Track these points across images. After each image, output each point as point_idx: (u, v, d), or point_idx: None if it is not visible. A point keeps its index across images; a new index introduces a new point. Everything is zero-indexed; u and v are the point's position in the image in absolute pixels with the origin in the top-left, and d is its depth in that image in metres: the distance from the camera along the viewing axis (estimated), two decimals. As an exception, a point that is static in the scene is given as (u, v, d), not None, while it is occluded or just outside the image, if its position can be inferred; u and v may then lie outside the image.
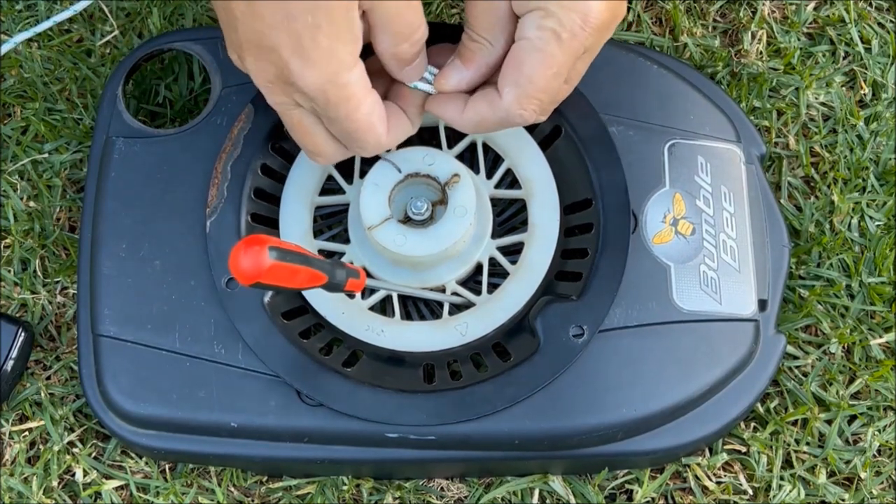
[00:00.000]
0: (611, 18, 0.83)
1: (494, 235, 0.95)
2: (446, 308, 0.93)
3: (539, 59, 0.83)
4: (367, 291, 0.94)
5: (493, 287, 0.93)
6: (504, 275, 0.94)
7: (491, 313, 0.92)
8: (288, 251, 0.75)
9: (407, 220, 0.91)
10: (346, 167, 0.97)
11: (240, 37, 0.80)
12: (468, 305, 0.93)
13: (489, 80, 0.87)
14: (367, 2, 0.79)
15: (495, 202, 0.96)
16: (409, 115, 0.88)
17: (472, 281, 0.95)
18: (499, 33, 0.85)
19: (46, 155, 1.05)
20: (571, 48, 0.82)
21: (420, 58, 0.86)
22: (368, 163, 0.94)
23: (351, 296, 0.93)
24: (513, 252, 0.95)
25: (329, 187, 0.97)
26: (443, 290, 0.94)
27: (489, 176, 0.96)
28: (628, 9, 1.11)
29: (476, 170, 0.97)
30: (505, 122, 0.86)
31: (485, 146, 0.97)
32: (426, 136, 0.98)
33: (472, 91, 0.87)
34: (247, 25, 0.79)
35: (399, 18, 0.81)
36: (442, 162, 0.92)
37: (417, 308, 0.96)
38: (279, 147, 0.97)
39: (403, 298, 0.95)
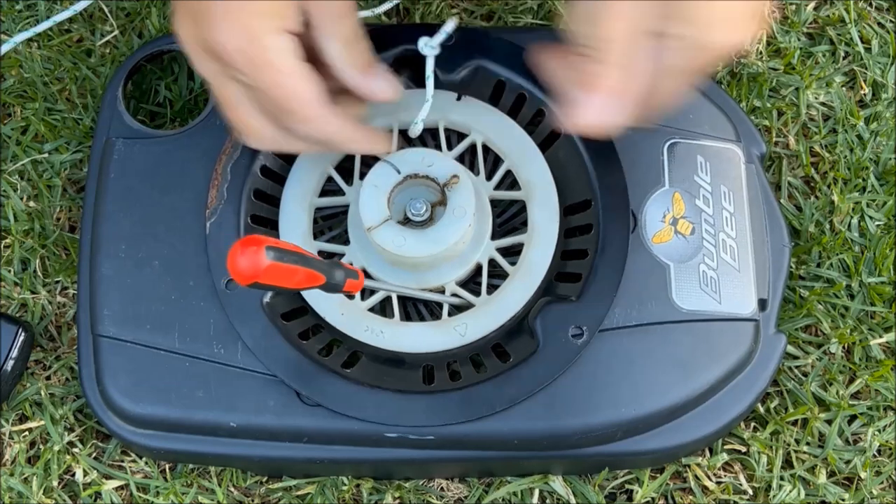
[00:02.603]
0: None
1: (494, 236, 0.95)
2: (446, 309, 0.93)
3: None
4: (367, 292, 0.94)
5: (492, 288, 0.93)
6: (503, 276, 0.94)
7: (490, 314, 0.92)
8: (286, 251, 0.75)
9: (406, 221, 0.91)
10: (346, 169, 0.97)
11: None
12: (468, 306, 0.93)
13: None
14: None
15: (495, 203, 0.96)
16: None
17: (471, 282, 0.95)
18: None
19: (46, 155, 1.05)
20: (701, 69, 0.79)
21: (378, 68, 0.86)
22: (368, 164, 0.94)
23: (350, 297, 0.93)
24: (512, 253, 0.95)
25: (329, 188, 0.97)
26: (442, 292, 0.93)
27: (489, 177, 0.96)
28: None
29: (476, 171, 0.97)
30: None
31: (485, 147, 0.97)
32: (426, 138, 0.99)
33: None
34: None
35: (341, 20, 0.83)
36: (441, 163, 0.92)
37: (417, 309, 0.95)
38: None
39: (403, 299, 0.95)
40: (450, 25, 0.93)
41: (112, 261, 0.93)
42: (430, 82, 0.94)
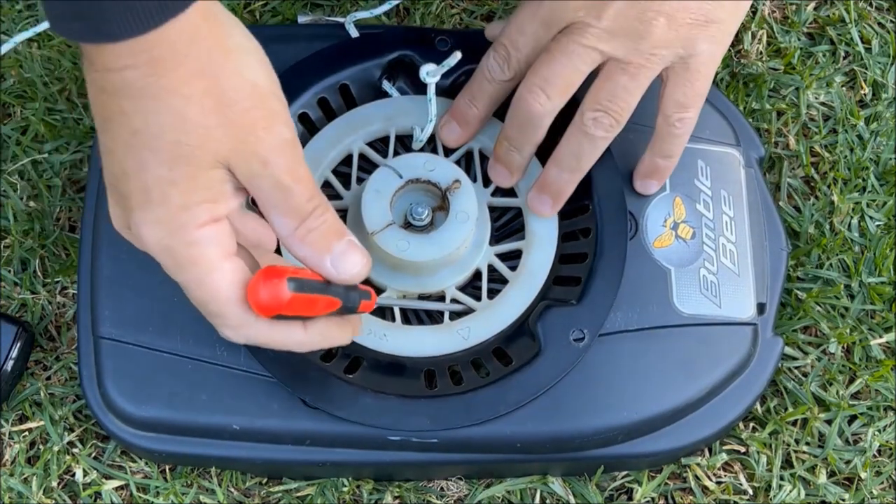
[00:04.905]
0: None
1: (492, 241, 0.95)
2: (447, 313, 0.93)
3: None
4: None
5: (491, 293, 0.93)
6: (502, 281, 0.94)
7: (493, 318, 0.92)
8: (306, 281, 0.74)
9: (407, 225, 0.91)
10: (343, 173, 0.97)
11: (105, 176, 0.74)
12: (468, 312, 0.93)
13: None
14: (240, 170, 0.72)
15: (492, 208, 0.96)
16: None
17: (470, 286, 0.95)
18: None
19: (46, 155, 1.05)
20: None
21: (334, 238, 0.76)
22: (367, 170, 0.94)
23: None
24: (511, 257, 0.95)
25: (326, 193, 0.97)
26: (443, 296, 0.93)
27: (486, 184, 0.96)
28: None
29: (473, 177, 0.96)
30: None
31: (481, 154, 0.97)
32: (424, 144, 0.98)
33: None
34: (110, 167, 0.73)
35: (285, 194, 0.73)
36: (443, 168, 0.92)
37: (416, 313, 0.95)
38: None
39: (404, 302, 0.95)
40: (453, 59, 0.93)
41: (113, 262, 0.93)
42: (432, 105, 0.94)
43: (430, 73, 0.93)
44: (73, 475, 0.95)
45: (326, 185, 0.97)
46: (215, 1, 0.70)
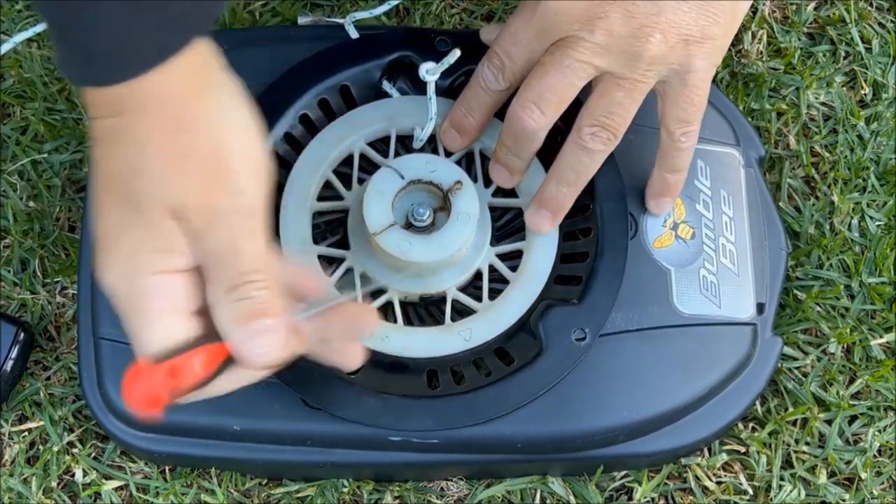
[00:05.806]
0: None
1: (493, 242, 0.95)
2: (448, 314, 0.93)
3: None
4: (369, 296, 0.93)
5: (493, 293, 0.93)
6: (503, 281, 0.93)
7: (495, 318, 0.91)
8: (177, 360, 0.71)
9: (409, 226, 0.91)
10: (343, 174, 0.97)
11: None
12: (469, 312, 0.93)
13: None
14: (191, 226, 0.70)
15: (492, 208, 0.96)
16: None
17: (471, 287, 0.95)
18: None
19: (46, 155, 1.05)
20: None
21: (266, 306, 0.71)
22: (367, 169, 0.94)
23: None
24: (511, 258, 0.94)
25: (324, 194, 0.96)
26: (443, 297, 0.93)
27: (487, 184, 0.96)
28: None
29: (474, 178, 0.96)
30: None
31: (482, 154, 0.97)
32: (423, 145, 0.98)
33: None
34: (88, 210, 0.73)
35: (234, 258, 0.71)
36: (444, 168, 0.91)
37: (417, 313, 0.95)
38: (276, 153, 0.96)
39: (404, 304, 0.95)
40: (452, 57, 0.93)
41: (113, 262, 0.93)
42: (432, 104, 0.94)
43: (430, 72, 0.93)
44: (73, 475, 0.95)
45: (327, 186, 0.96)
46: (212, 55, 0.71)
